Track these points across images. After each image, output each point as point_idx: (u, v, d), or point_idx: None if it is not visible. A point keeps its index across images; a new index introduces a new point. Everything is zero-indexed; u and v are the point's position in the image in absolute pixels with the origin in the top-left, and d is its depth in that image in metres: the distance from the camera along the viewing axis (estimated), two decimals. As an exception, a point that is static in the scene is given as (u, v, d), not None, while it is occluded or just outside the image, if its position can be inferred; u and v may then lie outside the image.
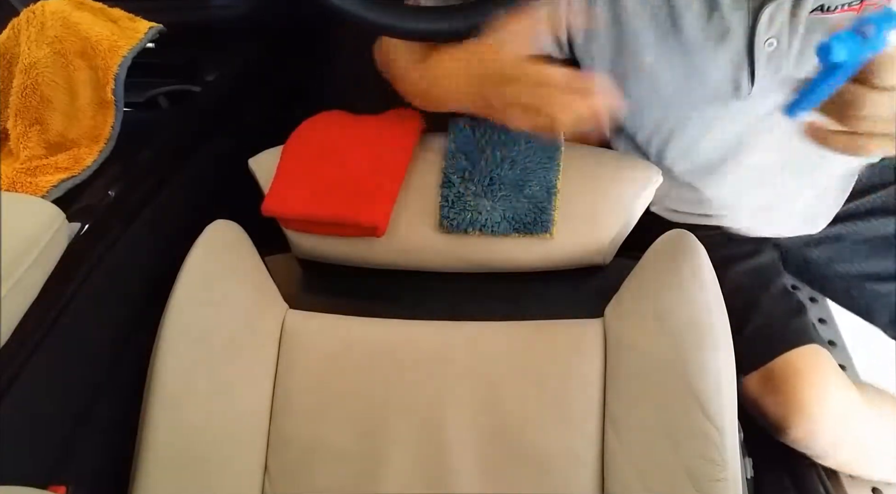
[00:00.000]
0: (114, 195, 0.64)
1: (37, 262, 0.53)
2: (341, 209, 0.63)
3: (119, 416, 0.60)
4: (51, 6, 0.66)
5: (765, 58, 0.61)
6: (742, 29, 0.60)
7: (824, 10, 0.58)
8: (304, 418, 0.63)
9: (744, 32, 0.60)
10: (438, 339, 0.65)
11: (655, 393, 0.57)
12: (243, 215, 0.69)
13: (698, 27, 0.61)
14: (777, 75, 0.62)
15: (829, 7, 0.58)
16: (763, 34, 0.60)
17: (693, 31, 0.61)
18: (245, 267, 0.68)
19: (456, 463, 0.59)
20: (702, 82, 0.65)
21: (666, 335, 0.57)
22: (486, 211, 0.63)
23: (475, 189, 0.64)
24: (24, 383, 0.50)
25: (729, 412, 0.54)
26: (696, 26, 0.61)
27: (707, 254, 0.61)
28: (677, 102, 0.68)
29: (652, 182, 0.66)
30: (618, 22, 0.63)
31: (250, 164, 0.70)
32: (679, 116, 0.70)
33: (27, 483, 0.49)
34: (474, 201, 0.64)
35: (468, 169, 0.64)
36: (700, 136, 0.69)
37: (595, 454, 0.59)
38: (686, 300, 0.58)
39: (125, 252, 0.62)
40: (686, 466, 0.53)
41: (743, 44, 0.61)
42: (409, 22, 0.56)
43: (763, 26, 0.59)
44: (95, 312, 0.59)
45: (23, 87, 0.64)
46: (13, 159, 0.66)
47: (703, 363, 0.55)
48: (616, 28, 0.63)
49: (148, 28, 0.70)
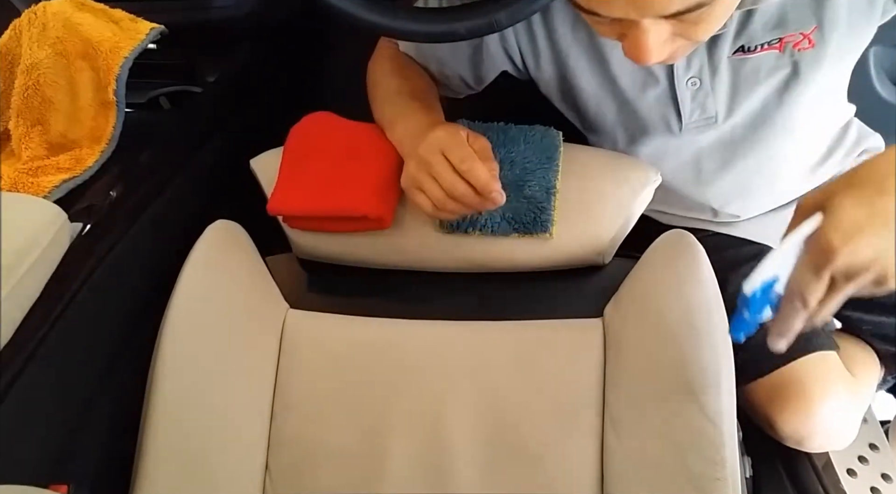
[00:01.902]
0: (115, 196, 0.64)
1: (38, 262, 0.53)
2: (346, 203, 0.63)
3: (120, 415, 0.60)
4: (52, 7, 0.66)
5: (689, 97, 0.64)
6: (662, 71, 0.63)
7: (745, 51, 0.60)
8: (304, 417, 0.63)
9: (665, 74, 0.63)
10: (439, 339, 0.65)
11: (655, 393, 0.57)
12: (244, 215, 0.70)
13: (625, 67, 0.64)
14: (705, 113, 0.65)
15: (750, 47, 0.60)
16: (682, 75, 0.62)
17: (621, 70, 0.64)
18: (246, 267, 0.68)
19: (456, 463, 0.59)
20: (636, 118, 0.68)
21: (665, 334, 0.57)
22: (485, 211, 0.63)
23: None
24: (25, 382, 0.50)
25: (728, 411, 0.54)
26: (623, 66, 0.64)
27: (706, 254, 0.61)
28: (621, 134, 0.71)
29: (651, 182, 0.66)
30: (558, 55, 0.65)
31: (252, 164, 0.70)
32: (629, 146, 0.72)
33: (28, 482, 0.49)
34: None
35: None
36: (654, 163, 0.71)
37: (595, 454, 0.59)
38: (685, 300, 0.58)
39: (126, 252, 0.62)
40: (685, 465, 0.53)
41: (666, 84, 0.63)
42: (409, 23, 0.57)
43: (681, 68, 0.61)
44: (96, 312, 0.59)
45: (24, 87, 0.64)
46: (15, 160, 0.66)
47: (703, 362, 0.55)
48: (557, 59, 0.66)
49: (149, 29, 0.70)
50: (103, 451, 0.60)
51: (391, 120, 0.65)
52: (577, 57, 0.65)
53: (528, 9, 0.53)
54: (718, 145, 0.70)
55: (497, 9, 0.53)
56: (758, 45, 0.60)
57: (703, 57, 0.61)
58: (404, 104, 0.66)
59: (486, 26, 0.54)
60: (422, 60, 0.72)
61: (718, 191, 0.75)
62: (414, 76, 0.71)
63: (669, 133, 0.68)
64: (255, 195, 0.69)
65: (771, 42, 0.59)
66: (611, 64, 0.64)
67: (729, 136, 0.69)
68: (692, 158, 0.72)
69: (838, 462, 0.76)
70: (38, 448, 0.53)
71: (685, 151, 0.71)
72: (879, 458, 0.78)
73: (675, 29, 0.48)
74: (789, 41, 0.59)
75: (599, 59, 0.64)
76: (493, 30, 0.55)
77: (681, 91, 0.63)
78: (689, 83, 0.63)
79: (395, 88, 0.68)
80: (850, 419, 0.69)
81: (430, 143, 0.57)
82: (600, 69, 0.65)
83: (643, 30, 0.46)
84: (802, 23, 0.58)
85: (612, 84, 0.66)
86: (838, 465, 0.75)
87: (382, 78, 0.71)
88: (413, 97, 0.66)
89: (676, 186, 0.75)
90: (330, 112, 0.70)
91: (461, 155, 0.56)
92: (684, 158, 0.72)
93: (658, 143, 0.71)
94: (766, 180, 0.74)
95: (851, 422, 0.69)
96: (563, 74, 0.67)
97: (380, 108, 0.69)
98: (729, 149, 0.70)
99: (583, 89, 0.68)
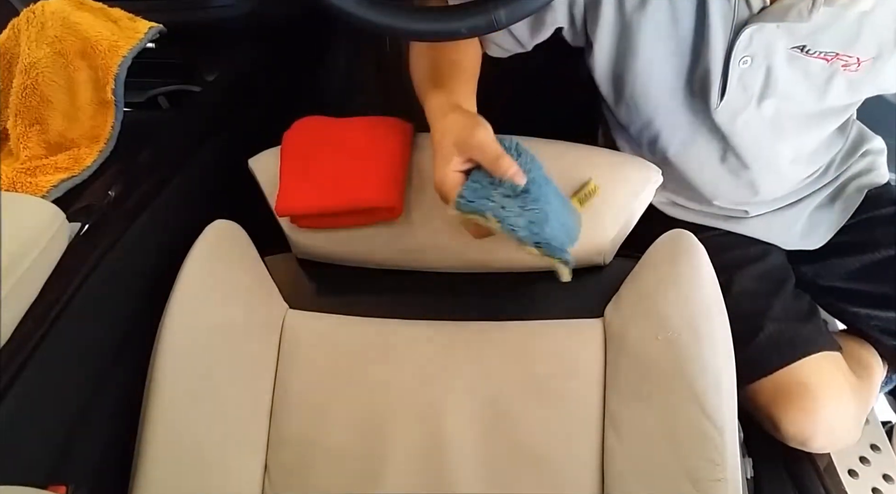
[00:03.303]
0: (114, 195, 0.64)
1: (37, 262, 0.53)
2: (356, 195, 0.63)
3: (119, 415, 0.60)
4: (51, 6, 0.66)
5: (737, 75, 0.64)
6: (722, 43, 0.62)
7: (803, 51, 0.61)
8: (304, 417, 0.63)
9: (723, 46, 0.62)
10: (439, 339, 0.65)
11: (655, 393, 0.57)
12: (243, 215, 0.69)
13: (690, 33, 0.63)
14: (746, 94, 0.65)
15: (809, 50, 0.61)
16: (740, 52, 0.62)
17: (686, 35, 0.63)
18: (245, 267, 0.68)
19: (456, 463, 0.59)
20: (683, 86, 0.67)
21: (665, 334, 0.57)
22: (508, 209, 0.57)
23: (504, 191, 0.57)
24: (24, 382, 0.50)
25: (728, 411, 0.54)
26: (689, 31, 0.63)
27: (707, 254, 0.61)
28: (663, 105, 0.70)
29: (651, 182, 0.66)
30: (622, 12, 0.64)
31: (250, 164, 0.70)
32: (665, 121, 0.72)
33: (27, 482, 0.49)
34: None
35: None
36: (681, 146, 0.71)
37: (595, 454, 0.59)
38: (685, 300, 0.58)
39: (125, 252, 0.62)
40: (686, 466, 0.53)
41: (721, 56, 0.63)
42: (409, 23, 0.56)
43: (742, 44, 0.61)
44: (95, 312, 0.59)
45: (23, 87, 0.64)
46: (13, 159, 0.66)
47: (703, 362, 0.55)
48: (620, 17, 0.65)
49: (148, 28, 0.69)
50: (102, 451, 0.59)
51: (423, 103, 0.65)
52: (644, 21, 0.63)
53: (528, 7, 0.53)
54: (745, 133, 0.69)
55: (497, 7, 0.53)
56: (816, 52, 0.61)
57: (764, 41, 0.61)
58: (426, 90, 0.64)
59: (486, 25, 0.54)
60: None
61: (736, 182, 0.75)
62: (446, 51, 0.68)
63: (705, 111, 0.68)
64: (255, 195, 0.69)
65: (828, 53, 0.61)
66: (679, 21, 0.63)
67: (756, 125, 0.69)
68: (719, 146, 0.72)
69: (840, 463, 0.76)
70: (37, 449, 0.53)
71: (713, 136, 0.71)
72: (881, 459, 0.78)
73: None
74: (842, 59, 0.61)
75: (669, 18, 0.63)
76: (493, 28, 0.55)
77: (733, 67, 0.63)
78: (741, 62, 0.63)
79: (424, 70, 0.67)
80: (854, 419, 0.69)
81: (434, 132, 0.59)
82: (668, 26, 0.64)
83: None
84: (867, 49, 0.60)
85: (673, 46, 0.65)
86: (840, 466, 0.75)
87: (415, 59, 0.69)
88: (434, 84, 0.64)
89: (695, 173, 0.75)
90: (318, 116, 0.70)
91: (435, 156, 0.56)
92: (711, 144, 0.72)
93: (691, 122, 0.70)
94: (779, 176, 0.75)
95: (855, 422, 0.69)
96: (623, 36, 0.66)
97: (416, 72, 0.68)
98: (756, 138, 0.70)
99: (638, 55, 0.66)
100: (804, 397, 0.66)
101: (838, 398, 0.66)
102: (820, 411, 0.65)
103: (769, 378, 0.68)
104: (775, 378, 0.67)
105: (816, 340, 0.69)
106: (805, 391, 0.66)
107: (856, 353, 0.79)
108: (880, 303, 0.76)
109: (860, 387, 0.71)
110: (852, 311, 0.79)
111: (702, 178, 0.76)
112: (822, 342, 0.69)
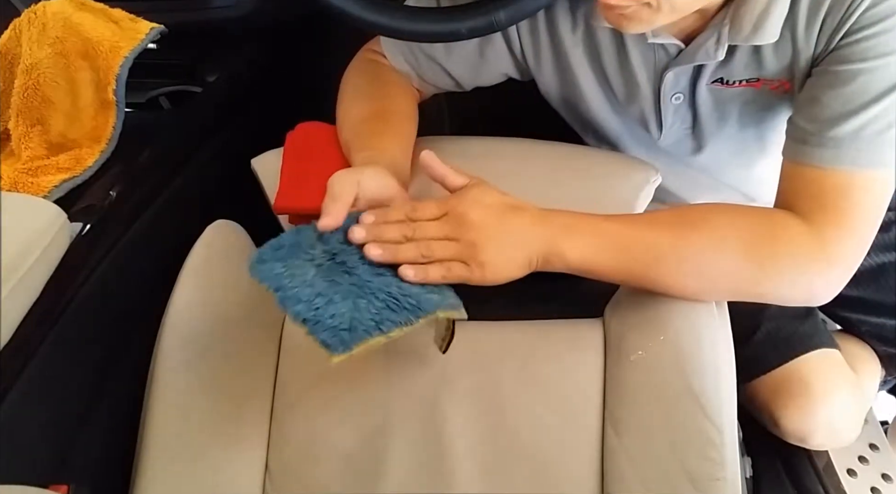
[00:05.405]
0: (115, 196, 0.64)
1: (38, 262, 0.53)
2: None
3: (120, 415, 0.60)
4: (52, 7, 0.66)
5: (671, 110, 0.66)
6: (649, 84, 0.65)
7: (724, 83, 0.63)
8: (304, 417, 0.63)
9: (651, 87, 0.65)
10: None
11: (655, 393, 0.57)
12: (244, 215, 0.70)
13: (618, 76, 0.66)
14: (684, 125, 0.68)
15: (729, 81, 0.62)
16: (669, 90, 0.64)
17: (615, 78, 0.66)
18: (246, 267, 0.68)
19: (456, 463, 0.59)
20: (625, 122, 0.71)
21: (665, 334, 0.57)
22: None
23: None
24: (25, 382, 0.51)
25: (728, 411, 0.54)
26: (617, 75, 0.66)
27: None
28: (614, 138, 0.74)
29: (651, 182, 0.66)
30: (559, 54, 0.66)
31: (253, 164, 0.70)
32: (629, 145, 0.75)
33: (28, 482, 0.49)
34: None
35: None
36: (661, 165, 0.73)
37: (595, 453, 0.59)
38: (685, 300, 0.58)
39: (126, 252, 0.62)
40: (685, 465, 0.53)
41: (651, 96, 0.66)
42: (409, 23, 0.57)
43: (669, 84, 0.64)
44: (96, 312, 0.59)
45: (24, 87, 0.64)
46: (15, 160, 0.66)
47: (702, 362, 0.55)
48: (558, 58, 0.67)
49: (149, 29, 0.70)
50: (103, 451, 0.60)
51: (350, 146, 0.65)
52: (577, 56, 0.66)
53: (527, 8, 0.53)
54: (702, 159, 0.73)
55: (497, 8, 0.53)
56: (736, 81, 0.62)
57: (688, 78, 0.63)
58: (360, 133, 0.65)
59: (486, 26, 0.54)
60: (406, 66, 0.70)
61: (725, 196, 0.77)
62: (382, 96, 0.69)
63: (651, 143, 0.71)
64: (255, 195, 0.69)
65: (749, 80, 0.62)
66: (605, 66, 0.65)
67: (708, 156, 0.72)
68: (687, 168, 0.75)
69: (838, 462, 0.76)
70: (38, 448, 0.53)
71: (679, 160, 0.74)
72: (879, 458, 0.78)
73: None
74: (766, 84, 0.61)
75: (596, 59, 0.65)
76: (493, 29, 0.55)
77: (665, 104, 0.66)
78: (673, 99, 0.65)
79: (358, 113, 0.67)
80: (853, 416, 0.69)
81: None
82: (597, 68, 0.66)
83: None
84: (778, 74, 0.60)
85: (606, 86, 0.67)
86: (838, 465, 0.75)
87: (350, 98, 0.70)
88: (372, 132, 0.65)
89: (678, 189, 0.78)
90: (321, 122, 0.70)
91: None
92: (680, 167, 0.75)
93: (650, 147, 0.73)
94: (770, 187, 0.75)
95: (854, 419, 0.69)
96: (563, 73, 0.68)
97: (342, 129, 0.68)
98: (708, 170, 0.73)
99: (581, 89, 0.68)
100: (803, 394, 0.66)
101: (837, 394, 0.66)
102: (819, 407, 0.66)
103: (768, 376, 0.68)
104: (774, 376, 0.68)
105: (814, 337, 0.69)
106: (804, 389, 0.66)
107: (853, 351, 0.79)
108: (870, 309, 0.77)
109: (859, 384, 0.72)
110: (843, 315, 0.80)
111: (691, 195, 0.79)
112: (819, 339, 0.69)
